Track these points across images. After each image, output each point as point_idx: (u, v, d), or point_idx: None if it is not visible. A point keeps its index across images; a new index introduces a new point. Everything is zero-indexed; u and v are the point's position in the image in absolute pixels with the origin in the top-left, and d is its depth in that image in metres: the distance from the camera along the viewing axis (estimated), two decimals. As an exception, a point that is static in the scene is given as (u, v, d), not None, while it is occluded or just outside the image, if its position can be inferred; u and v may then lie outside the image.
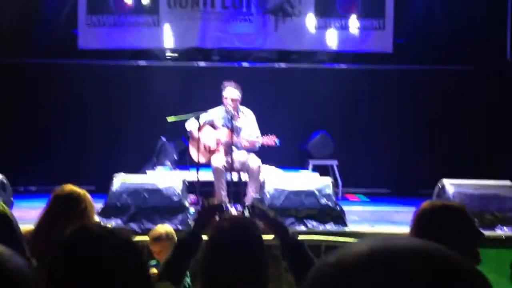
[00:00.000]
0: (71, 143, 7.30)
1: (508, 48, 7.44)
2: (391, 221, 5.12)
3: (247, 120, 5.69)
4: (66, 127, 7.33)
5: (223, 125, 5.67)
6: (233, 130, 5.43)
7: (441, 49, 7.51)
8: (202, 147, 5.53)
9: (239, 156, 5.52)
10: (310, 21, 7.60)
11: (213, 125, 5.74)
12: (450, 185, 4.87)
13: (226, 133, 5.59)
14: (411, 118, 7.49)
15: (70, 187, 2.52)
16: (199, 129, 5.44)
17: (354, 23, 7.64)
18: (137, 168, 6.45)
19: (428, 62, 7.58)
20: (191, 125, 5.61)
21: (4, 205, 1.99)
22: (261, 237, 1.76)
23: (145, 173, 6.05)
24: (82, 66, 7.50)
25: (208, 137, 5.68)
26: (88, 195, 2.51)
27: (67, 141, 7.30)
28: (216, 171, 5.40)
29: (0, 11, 7.32)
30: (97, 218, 4.38)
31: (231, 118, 5.42)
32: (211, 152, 5.65)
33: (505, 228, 4.61)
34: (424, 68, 7.62)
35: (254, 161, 5.49)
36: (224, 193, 5.41)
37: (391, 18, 7.60)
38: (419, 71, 7.65)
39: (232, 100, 5.53)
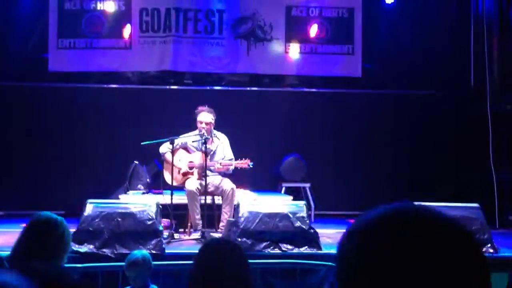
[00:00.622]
0: (41, 166, 7.16)
1: (472, 76, 7.73)
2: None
3: (221, 144, 5.73)
4: (37, 151, 7.20)
5: (197, 149, 5.69)
6: (207, 153, 5.46)
7: (408, 74, 7.75)
8: (175, 171, 5.52)
9: (213, 179, 5.54)
10: (281, 46, 7.75)
11: (186, 149, 5.75)
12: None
13: (199, 157, 5.61)
14: (381, 140, 7.66)
15: (46, 213, 2.50)
16: (173, 152, 5.44)
17: (323, 49, 7.82)
18: (110, 192, 6.38)
19: (396, 86, 7.81)
20: (165, 148, 5.61)
21: None
22: (246, 258, 1.80)
23: (118, 198, 5.98)
24: (52, 89, 7.41)
25: (181, 160, 5.68)
26: (65, 222, 2.49)
27: (37, 165, 7.16)
28: (189, 194, 5.39)
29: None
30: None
31: (205, 142, 5.45)
32: (184, 175, 5.64)
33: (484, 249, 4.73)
34: (392, 92, 7.83)
35: (228, 184, 5.52)
36: (198, 216, 5.40)
37: (359, 44, 7.82)
38: (387, 95, 7.86)
39: (206, 124, 5.57)
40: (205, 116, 5.59)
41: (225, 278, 1.73)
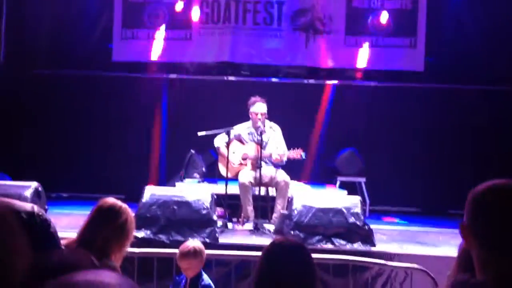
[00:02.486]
0: (104, 152, 7.45)
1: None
2: (419, 242, 5.05)
3: (274, 135, 5.73)
4: (101, 137, 7.49)
5: (250, 140, 5.72)
6: (261, 144, 5.47)
7: (473, 68, 7.43)
8: (230, 163, 5.58)
9: (267, 171, 5.55)
10: (341, 38, 7.62)
11: (240, 140, 5.79)
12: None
13: (253, 148, 5.63)
14: (441, 136, 7.41)
15: (112, 199, 2.58)
16: (228, 144, 5.50)
17: (385, 41, 7.62)
18: (167, 179, 6.55)
19: (460, 81, 7.51)
20: (219, 141, 5.67)
21: (41, 210, 2.04)
22: (313, 261, 1.76)
23: (174, 185, 6.12)
24: (116, 78, 7.67)
25: (236, 152, 5.72)
26: (129, 208, 2.56)
27: (101, 151, 7.46)
28: (242, 187, 5.43)
29: (38, 24, 7.56)
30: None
31: (260, 134, 5.46)
32: (238, 166, 5.69)
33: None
34: (456, 87, 7.54)
35: (282, 176, 5.51)
36: (250, 208, 5.43)
37: (422, 37, 7.56)
38: (450, 90, 7.58)
39: (261, 114, 5.57)
40: (260, 107, 5.60)
41: (293, 279, 1.71)
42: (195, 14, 7.62)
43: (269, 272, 1.73)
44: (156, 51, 7.68)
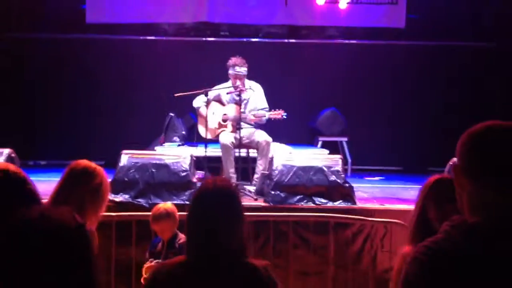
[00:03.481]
0: (80, 118, 7.30)
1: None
2: (400, 198, 5.07)
3: (255, 94, 5.63)
4: (75, 102, 7.33)
5: (230, 101, 5.62)
6: (241, 105, 5.37)
7: (455, 24, 7.35)
8: (209, 124, 5.49)
9: (247, 132, 5.47)
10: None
11: (220, 101, 5.69)
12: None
13: (234, 109, 5.54)
14: (423, 95, 7.39)
15: (85, 161, 2.49)
16: (207, 105, 5.39)
17: (365, -2, 7.47)
18: (146, 143, 6.45)
19: (441, 37, 7.43)
20: (198, 102, 5.56)
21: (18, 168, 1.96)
22: (239, 200, 1.85)
23: (154, 149, 6.04)
24: (89, 40, 7.45)
25: (215, 113, 5.63)
26: (103, 171, 2.49)
27: (77, 116, 7.30)
28: (224, 148, 5.36)
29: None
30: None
31: (239, 94, 5.36)
32: (218, 128, 5.61)
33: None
34: (438, 44, 7.47)
35: (263, 136, 5.44)
36: (232, 170, 5.38)
37: (403, -7, 7.43)
38: (432, 46, 7.51)
39: (239, 77, 5.46)
40: (238, 70, 5.48)
41: (215, 213, 1.77)
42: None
43: (195, 208, 1.81)
44: (131, 11, 7.44)
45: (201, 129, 5.62)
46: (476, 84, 7.35)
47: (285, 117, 5.32)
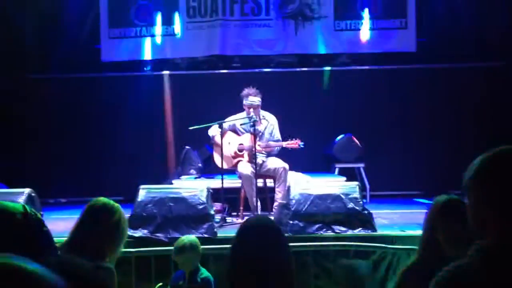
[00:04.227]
0: (98, 154, 7.38)
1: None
2: (421, 224, 4.98)
3: (269, 125, 5.66)
4: (94, 139, 7.42)
5: (245, 131, 5.65)
6: (255, 135, 5.39)
7: (465, 46, 7.35)
8: (225, 153, 5.52)
9: (264, 161, 5.48)
10: (330, 23, 7.53)
11: (235, 131, 5.72)
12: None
13: (249, 139, 5.56)
14: (439, 117, 7.34)
15: (104, 199, 2.52)
16: (222, 135, 5.43)
17: (375, 24, 7.53)
18: (163, 177, 6.48)
19: (453, 60, 7.42)
20: (213, 131, 5.60)
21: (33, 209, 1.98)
22: (284, 236, 1.77)
23: (171, 183, 6.06)
24: (105, 79, 7.59)
25: (231, 143, 5.66)
26: (121, 208, 2.51)
27: (95, 153, 7.39)
28: (246, 179, 5.34)
29: (24, 28, 7.47)
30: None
31: (253, 124, 5.39)
32: (234, 158, 5.63)
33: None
34: (450, 66, 7.46)
35: (280, 164, 5.45)
36: (256, 198, 5.36)
37: (413, 18, 7.48)
38: (444, 69, 7.50)
39: (253, 107, 5.51)
40: (253, 99, 5.53)
41: (262, 252, 1.68)
42: (181, 9, 7.54)
43: (241, 251, 1.71)
44: (145, 49, 7.60)
45: (217, 159, 5.63)
46: (491, 104, 7.28)
47: (302, 146, 5.33)
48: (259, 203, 5.37)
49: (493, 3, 7.29)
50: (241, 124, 5.66)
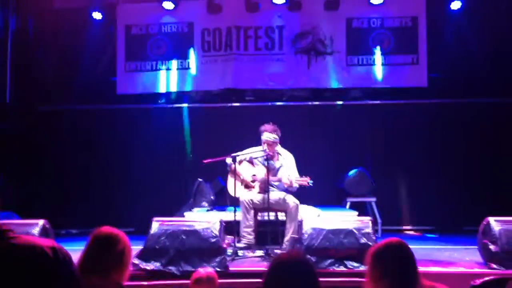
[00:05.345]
0: (111, 186, 7.45)
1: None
2: (435, 260, 4.95)
3: (285, 162, 5.71)
4: (107, 171, 7.50)
5: (261, 163, 5.71)
6: (269, 169, 5.45)
7: (476, 82, 7.41)
8: (239, 182, 5.57)
9: (276, 195, 5.51)
10: (343, 58, 7.65)
11: (252, 163, 5.78)
12: (496, 222, 4.70)
13: (263, 171, 5.60)
14: (450, 152, 7.34)
15: (108, 228, 2.55)
16: (239, 163, 5.51)
17: (387, 60, 7.63)
18: (175, 209, 6.51)
19: (464, 95, 7.47)
20: (231, 159, 5.66)
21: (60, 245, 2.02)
22: (316, 274, 1.80)
23: (183, 215, 6.08)
24: (121, 111, 7.73)
25: (245, 172, 5.72)
26: (126, 237, 2.54)
27: (108, 184, 7.45)
28: (242, 205, 5.42)
29: (43, 61, 7.67)
30: (135, 260, 4.41)
31: (267, 158, 5.45)
32: (247, 187, 5.67)
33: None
34: (462, 101, 7.50)
35: (291, 200, 5.47)
36: (248, 229, 5.37)
37: (424, 53, 7.57)
38: (456, 104, 7.54)
39: (269, 144, 5.59)
40: (268, 136, 5.60)
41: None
42: (196, 44, 7.71)
43: (272, 279, 1.75)
44: (160, 82, 7.75)
45: (231, 187, 5.66)
46: (501, 140, 7.27)
47: (311, 185, 5.36)
48: (251, 237, 5.36)
49: (503, 38, 7.36)
50: (255, 158, 5.73)
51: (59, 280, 1.59)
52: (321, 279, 4.14)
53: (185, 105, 7.81)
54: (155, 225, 4.77)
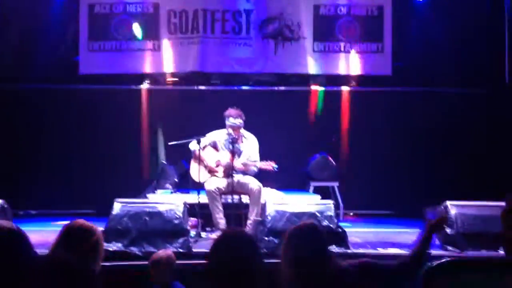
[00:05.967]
0: (71, 167, 7.30)
1: (506, 72, 7.51)
2: (393, 243, 5.08)
3: (249, 145, 5.73)
4: (67, 152, 7.34)
5: (225, 148, 5.71)
6: (234, 153, 5.46)
7: (440, 71, 7.58)
8: (203, 167, 5.56)
9: (239, 178, 5.53)
10: (309, 45, 7.69)
11: (215, 147, 5.77)
12: (453, 206, 4.86)
13: (227, 156, 5.61)
14: (412, 139, 7.51)
15: (81, 221, 2.54)
16: (202, 149, 5.49)
17: (353, 47, 7.71)
18: (138, 191, 6.45)
19: (427, 84, 7.64)
20: (194, 145, 5.64)
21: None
22: (259, 251, 1.85)
23: (146, 197, 6.04)
24: (82, 91, 7.55)
25: (209, 157, 5.70)
26: (99, 230, 2.54)
27: (68, 165, 7.30)
28: (209, 194, 5.42)
29: (3, 39, 7.40)
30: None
31: (232, 142, 5.46)
32: (211, 172, 5.67)
33: (508, 248, 4.56)
34: (423, 90, 7.67)
35: (254, 183, 5.50)
36: (219, 215, 5.39)
37: (389, 42, 7.69)
38: (418, 93, 7.70)
39: (233, 128, 5.59)
40: (233, 121, 5.62)
41: (240, 268, 1.74)
42: (162, 25, 7.59)
43: (215, 264, 1.79)
44: (124, 63, 7.60)
45: (194, 173, 5.65)
46: (463, 127, 7.49)
47: (276, 169, 5.42)
48: (223, 221, 5.39)
49: (467, 28, 7.54)
50: (219, 141, 5.72)
51: (16, 260, 1.58)
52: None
53: (149, 86, 7.70)
54: (117, 206, 4.72)
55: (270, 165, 5.46)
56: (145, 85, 7.70)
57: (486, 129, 7.43)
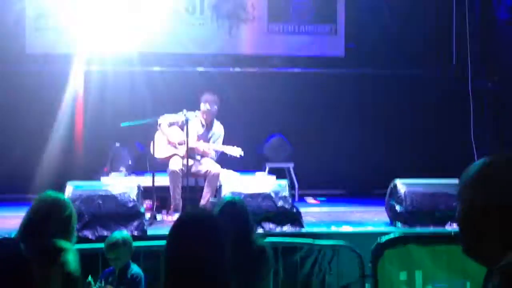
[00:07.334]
0: (21, 150, 7.05)
1: (453, 54, 7.76)
2: (346, 221, 5.21)
3: (217, 132, 5.76)
4: (17, 134, 7.09)
5: (193, 130, 5.67)
6: (188, 133, 5.41)
7: (391, 53, 7.74)
8: (166, 142, 5.52)
9: (197, 160, 5.53)
10: (263, 25, 7.67)
11: (182, 127, 5.72)
12: (402, 184, 5.01)
13: (192, 137, 5.56)
14: (364, 120, 7.66)
15: (53, 194, 2.48)
16: (169, 125, 5.54)
17: (307, 28, 7.75)
18: (92, 175, 6.32)
19: (379, 66, 7.79)
20: (163, 120, 5.59)
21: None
22: (219, 232, 1.68)
23: (99, 179, 5.93)
24: (30, 71, 7.27)
25: (173, 135, 5.66)
26: (71, 203, 2.55)
27: (18, 148, 7.05)
28: (171, 174, 5.39)
29: None
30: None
31: (186, 123, 5.41)
32: (173, 148, 5.63)
33: (454, 225, 4.77)
34: (375, 72, 7.82)
35: (211, 166, 5.51)
36: (178, 196, 5.38)
37: (342, 24, 7.78)
38: (370, 74, 7.85)
39: (207, 113, 5.67)
40: (208, 106, 5.75)
41: (201, 254, 1.61)
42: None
43: (174, 248, 1.66)
44: (72, 42, 7.34)
45: (157, 149, 5.57)
46: (412, 108, 7.71)
47: (241, 156, 5.45)
48: (181, 202, 5.39)
49: (418, 13, 7.71)
50: (188, 122, 5.62)
51: None
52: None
53: (100, 68, 7.48)
54: (69, 189, 4.63)
55: (237, 152, 5.49)
56: (96, 66, 7.43)
57: (435, 108, 7.68)
